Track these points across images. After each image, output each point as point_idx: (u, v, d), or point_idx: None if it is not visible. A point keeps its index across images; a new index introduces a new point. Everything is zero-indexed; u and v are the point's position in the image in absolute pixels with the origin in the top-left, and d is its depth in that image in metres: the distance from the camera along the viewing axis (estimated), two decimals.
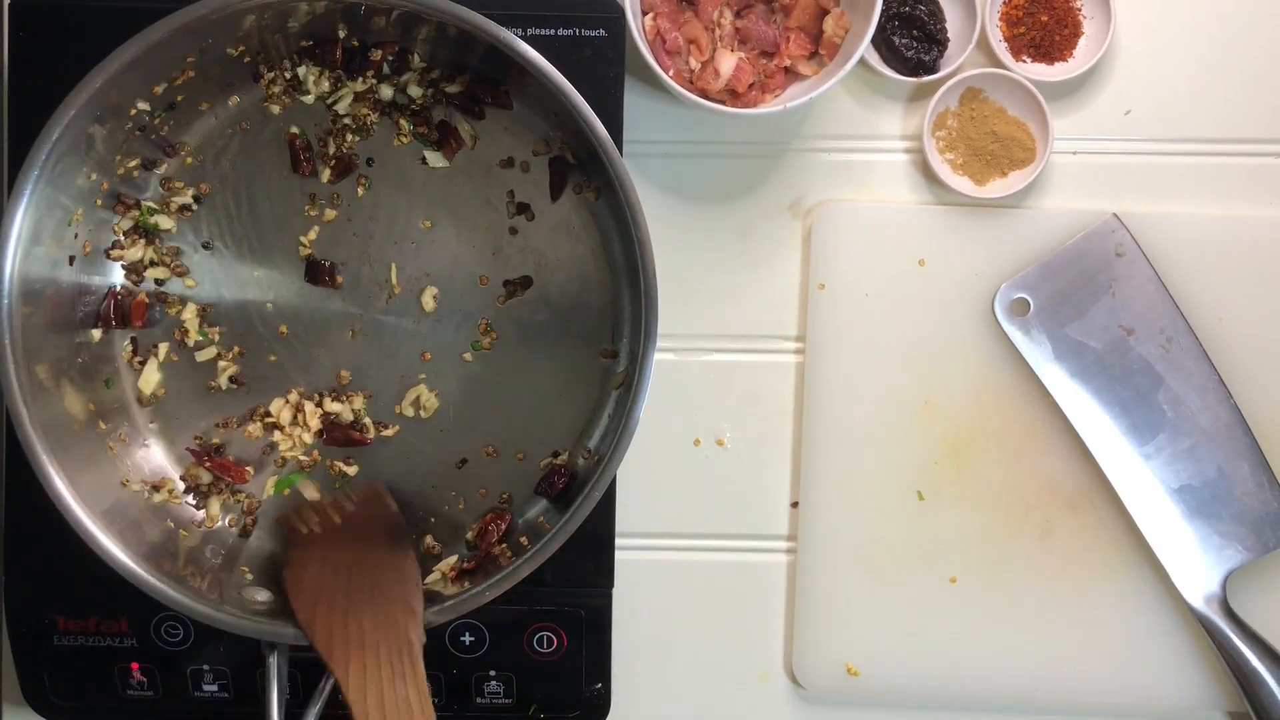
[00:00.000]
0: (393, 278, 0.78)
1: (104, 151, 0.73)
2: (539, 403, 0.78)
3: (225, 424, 0.78)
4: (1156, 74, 0.82)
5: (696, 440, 0.83)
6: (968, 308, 0.81)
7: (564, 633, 0.79)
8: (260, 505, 0.79)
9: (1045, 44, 0.81)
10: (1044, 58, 0.81)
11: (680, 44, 0.78)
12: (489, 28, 0.69)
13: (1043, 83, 0.80)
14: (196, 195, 0.77)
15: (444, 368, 0.79)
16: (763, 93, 0.78)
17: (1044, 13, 0.81)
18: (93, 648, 0.78)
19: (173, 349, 0.78)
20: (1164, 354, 0.80)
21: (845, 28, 0.77)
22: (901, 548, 0.82)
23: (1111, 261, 0.80)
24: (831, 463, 0.82)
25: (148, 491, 0.76)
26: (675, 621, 0.84)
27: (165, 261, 0.78)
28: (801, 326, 0.83)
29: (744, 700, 0.85)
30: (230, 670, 0.79)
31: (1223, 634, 0.79)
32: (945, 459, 0.82)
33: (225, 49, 0.73)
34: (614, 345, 0.78)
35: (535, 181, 0.78)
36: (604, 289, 0.78)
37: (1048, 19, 0.81)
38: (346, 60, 0.76)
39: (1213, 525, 0.80)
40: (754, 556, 0.84)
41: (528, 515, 0.77)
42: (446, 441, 0.79)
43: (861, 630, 0.82)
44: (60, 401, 0.72)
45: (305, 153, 0.77)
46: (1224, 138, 0.82)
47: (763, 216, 0.83)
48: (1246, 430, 0.80)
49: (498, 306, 0.78)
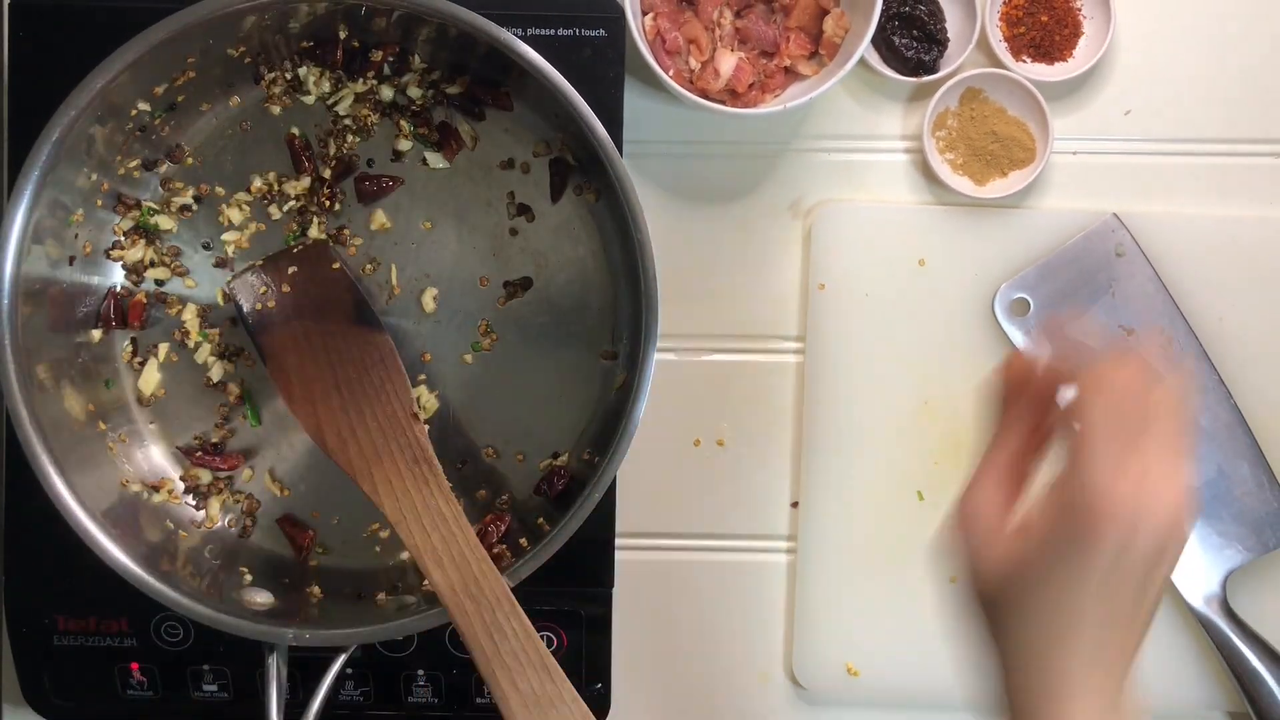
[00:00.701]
0: (393, 278, 0.78)
1: (104, 152, 0.73)
2: (539, 404, 0.78)
3: (224, 424, 0.78)
4: (1156, 74, 0.82)
5: (696, 440, 0.83)
6: (968, 308, 0.82)
7: (564, 633, 0.79)
8: (260, 506, 0.79)
9: (1045, 44, 0.81)
10: (1044, 58, 0.81)
11: (680, 44, 0.78)
12: (489, 29, 0.69)
13: (1043, 83, 0.80)
14: (197, 195, 0.78)
15: (444, 369, 0.79)
16: (763, 93, 0.78)
17: (1044, 13, 0.81)
18: (93, 648, 0.78)
19: (173, 349, 0.78)
20: (1164, 354, 0.80)
21: (845, 28, 0.77)
22: (901, 548, 0.82)
23: (1111, 261, 0.80)
24: (831, 463, 0.82)
25: (147, 492, 0.76)
26: (675, 621, 0.84)
27: (165, 262, 0.78)
28: (801, 326, 0.83)
29: (744, 700, 0.85)
30: (230, 670, 0.79)
31: (1223, 634, 0.79)
32: (945, 459, 0.82)
33: (226, 49, 0.73)
34: (614, 346, 0.78)
35: (535, 183, 0.78)
36: (604, 290, 0.78)
37: (1048, 19, 0.81)
38: (347, 61, 0.76)
39: (1213, 525, 0.80)
40: (754, 556, 0.84)
41: (528, 516, 0.77)
42: (446, 442, 0.79)
43: (861, 630, 0.82)
44: (60, 402, 0.72)
45: (305, 153, 0.77)
46: (1224, 138, 0.82)
47: (763, 216, 0.83)
48: (1246, 430, 0.80)
49: (498, 307, 0.78)
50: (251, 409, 0.79)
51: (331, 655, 0.73)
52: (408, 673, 0.79)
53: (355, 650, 0.74)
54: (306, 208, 0.77)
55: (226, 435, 0.79)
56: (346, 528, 0.79)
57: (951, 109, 0.81)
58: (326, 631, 0.71)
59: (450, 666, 0.79)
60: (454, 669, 0.79)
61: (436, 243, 0.78)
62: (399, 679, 0.80)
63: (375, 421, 0.71)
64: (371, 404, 0.72)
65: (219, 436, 0.78)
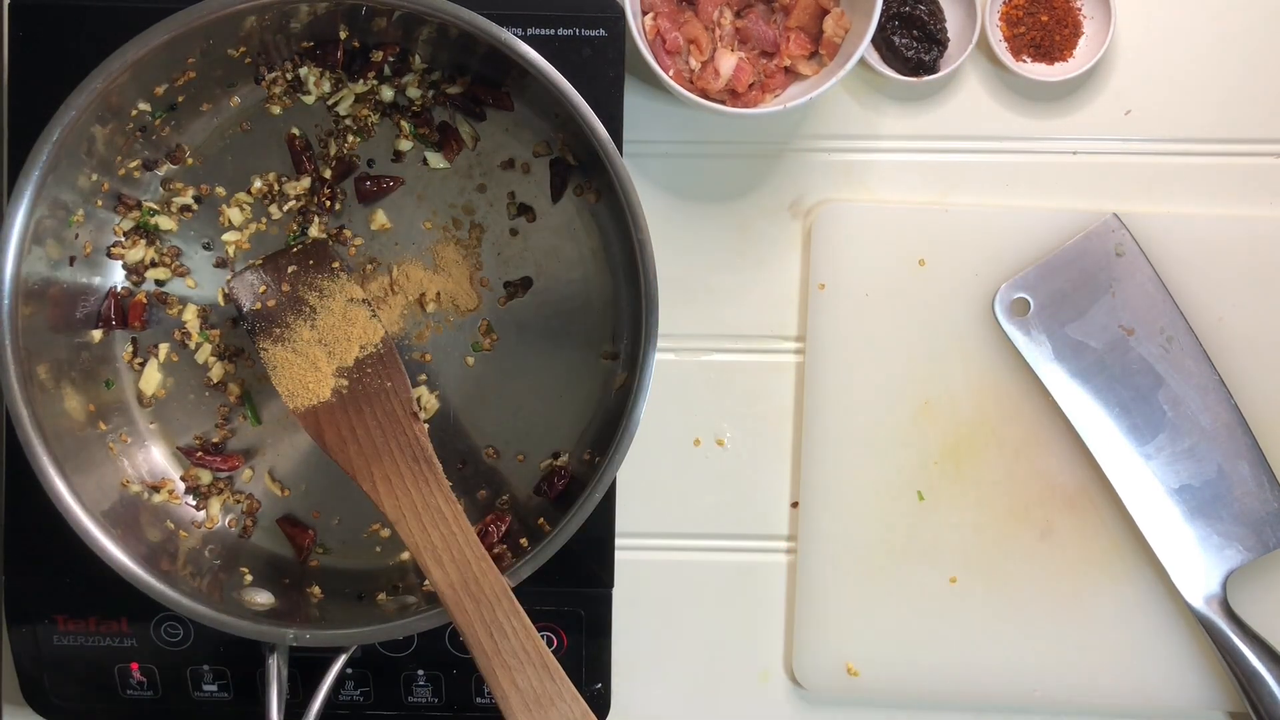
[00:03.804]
0: (393, 278, 0.78)
1: (105, 152, 0.73)
2: (539, 404, 0.78)
3: (224, 424, 0.79)
4: (1156, 74, 0.82)
5: (696, 440, 0.83)
6: (968, 308, 0.82)
7: (564, 633, 0.79)
8: (260, 506, 0.79)
9: (1045, 44, 0.81)
10: (1044, 58, 0.81)
11: (680, 44, 0.78)
12: (489, 29, 0.69)
13: (1043, 82, 0.80)
14: (197, 196, 0.78)
15: (445, 369, 0.79)
16: (763, 93, 0.78)
17: (1044, 12, 0.81)
18: (93, 648, 0.78)
19: (173, 349, 0.78)
20: (1164, 354, 0.80)
21: (845, 28, 0.77)
22: (901, 548, 0.82)
23: (1111, 261, 0.80)
24: (831, 463, 0.82)
25: (148, 492, 0.76)
26: (675, 621, 0.84)
27: (166, 262, 0.78)
28: (801, 326, 0.83)
29: (744, 700, 0.85)
30: (230, 670, 0.79)
31: (1223, 634, 0.79)
32: (945, 459, 0.82)
33: (226, 50, 0.73)
34: (614, 346, 0.78)
35: (536, 182, 0.78)
36: (604, 290, 0.78)
37: (1048, 19, 0.81)
38: (347, 61, 0.76)
39: (1213, 525, 0.80)
40: (754, 556, 0.84)
41: (528, 516, 0.77)
42: (447, 442, 0.79)
43: (861, 630, 0.82)
44: (61, 402, 0.73)
45: (306, 154, 0.77)
46: (1224, 138, 0.82)
47: (763, 216, 0.83)
48: (1246, 430, 0.80)
49: (498, 308, 0.78)
50: (251, 409, 0.79)
51: (332, 655, 0.73)
52: (408, 673, 0.79)
53: (355, 650, 0.74)
54: (307, 208, 0.77)
55: (227, 435, 0.79)
56: (346, 528, 0.79)
57: None
58: (326, 631, 0.71)
59: (450, 666, 0.79)
60: (454, 669, 0.79)
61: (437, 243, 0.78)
62: (399, 679, 0.80)
63: (375, 420, 0.71)
64: (371, 403, 0.72)
65: (219, 437, 0.79)
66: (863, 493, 0.82)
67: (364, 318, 0.73)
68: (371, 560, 0.79)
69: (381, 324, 0.74)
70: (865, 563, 0.82)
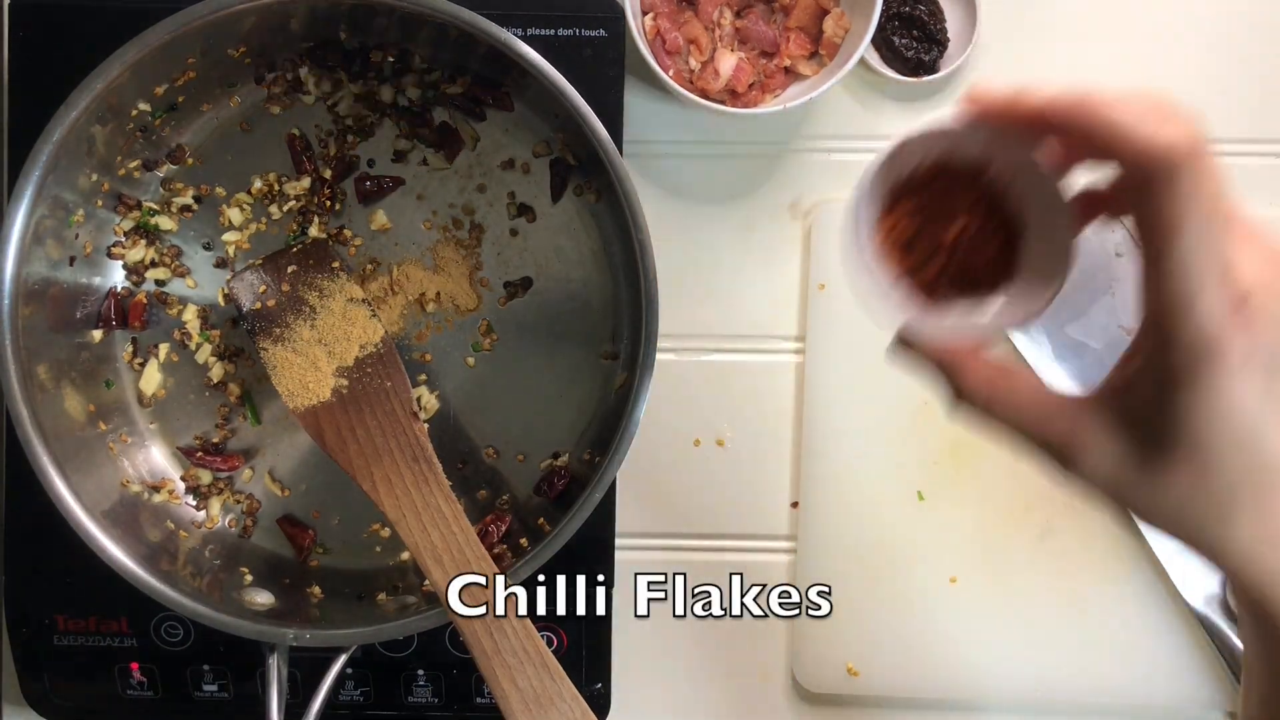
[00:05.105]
0: (393, 278, 0.78)
1: (105, 152, 0.73)
2: (539, 404, 0.78)
3: (224, 424, 0.79)
4: (1156, 74, 0.82)
5: (696, 440, 0.83)
6: None
7: (564, 633, 0.79)
8: (260, 506, 0.79)
9: None
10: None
11: (680, 44, 0.78)
12: (489, 29, 0.69)
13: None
14: (197, 196, 0.78)
15: (444, 369, 0.79)
16: (762, 93, 0.78)
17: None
18: (93, 647, 0.78)
19: (173, 350, 0.78)
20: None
21: (845, 28, 0.77)
22: (901, 548, 0.82)
23: (1111, 261, 0.80)
24: (831, 463, 0.82)
25: (148, 492, 0.76)
26: (675, 622, 0.84)
27: (166, 262, 0.78)
28: (801, 326, 0.83)
29: (744, 700, 0.85)
30: (230, 670, 0.79)
31: (1223, 634, 0.79)
32: (945, 459, 0.82)
33: (226, 50, 0.73)
34: (614, 346, 0.78)
35: (536, 182, 0.78)
36: (604, 290, 0.78)
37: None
38: (347, 62, 0.76)
39: None
40: (754, 556, 0.84)
41: (528, 516, 0.77)
42: (447, 442, 0.79)
43: (861, 630, 0.82)
44: (61, 402, 0.73)
45: (306, 154, 0.77)
46: (1224, 138, 0.82)
47: (763, 216, 0.83)
48: None
49: (498, 308, 0.78)
50: (251, 409, 0.79)
51: (332, 655, 0.73)
52: (408, 673, 0.80)
53: (355, 650, 0.74)
54: (307, 208, 0.77)
55: (227, 435, 0.79)
56: (346, 528, 0.79)
57: None
58: (326, 631, 0.71)
59: (450, 666, 0.79)
60: (454, 669, 0.79)
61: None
62: (399, 679, 0.80)
63: (375, 420, 0.71)
64: (371, 403, 0.72)
65: (219, 437, 0.79)
66: (862, 493, 0.82)
67: (364, 317, 0.74)
68: (371, 560, 0.79)
69: (381, 324, 0.74)
70: (865, 562, 0.82)
